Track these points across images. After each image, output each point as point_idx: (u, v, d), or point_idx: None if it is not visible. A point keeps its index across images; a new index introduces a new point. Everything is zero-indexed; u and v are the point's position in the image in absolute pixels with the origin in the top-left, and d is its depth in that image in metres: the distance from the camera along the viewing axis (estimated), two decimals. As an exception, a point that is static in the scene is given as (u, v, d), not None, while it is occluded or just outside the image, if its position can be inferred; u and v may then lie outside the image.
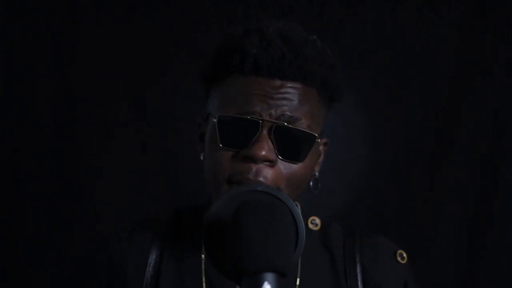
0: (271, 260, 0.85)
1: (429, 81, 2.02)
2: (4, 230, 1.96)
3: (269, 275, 0.84)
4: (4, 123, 2.02)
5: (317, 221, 1.36)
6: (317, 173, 1.32)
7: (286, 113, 1.21)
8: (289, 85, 1.23)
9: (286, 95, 1.22)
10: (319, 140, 1.24)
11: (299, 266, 1.29)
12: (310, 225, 1.35)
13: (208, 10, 2.05)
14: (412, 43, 2.03)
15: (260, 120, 1.19)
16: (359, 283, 1.28)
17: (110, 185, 1.98)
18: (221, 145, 1.20)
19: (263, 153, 1.17)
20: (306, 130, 1.21)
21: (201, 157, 1.30)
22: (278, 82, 1.22)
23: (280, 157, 1.20)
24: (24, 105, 2.02)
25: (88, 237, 1.88)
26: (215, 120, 1.21)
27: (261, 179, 1.18)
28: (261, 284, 0.84)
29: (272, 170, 1.19)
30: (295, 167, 1.21)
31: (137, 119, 2.02)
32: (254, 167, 1.18)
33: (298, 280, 1.28)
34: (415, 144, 2.00)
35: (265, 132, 1.19)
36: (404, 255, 1.33)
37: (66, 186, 1.97)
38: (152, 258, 1.29)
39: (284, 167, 1.20)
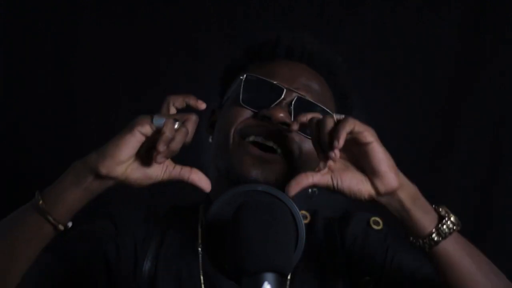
0: (271, 260, 0.85)
1: (429, 81, 2.02)
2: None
3: (269, 275, 0.84)
4: (4, 123, 2.02)
5: (306, 214, 1.36)
6: None
7: (309, 92, 1.26)
8: (315, 74, 1.30)
9: (311, 80, 1.29)
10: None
11: None
12: None
13: (208, 10, 2.05)
14: (412, 43, 2.03)
15: (285, 88, 1.23)
16: (344, 266, 1.27)
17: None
18: (241, 103, 1.24)
19: (282, 114, 1.20)
20: (325, 108, 1.24)
21: (210, 139, 1.33)
22: (305, 66, 1.30)
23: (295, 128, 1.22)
24: (24, 105, 2.02)
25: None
26: (242, 78, 1.25)
27: (273, 141, 1.21)
28: (261, 284, 0.84)
29: (287, 136, 1.22)
30: (307, 142, 1.22)
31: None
32: (270, 128, 1.21)
33: (289, 274, 1.28)
34: (415, 144, 2.00)
35: (286, 100, 1.23)
36: (379, 220, 1.32)
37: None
38: (151, 251, 1.29)
39: (298, 138, 1.23)
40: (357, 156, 1.07)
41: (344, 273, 1.26)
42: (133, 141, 1.03)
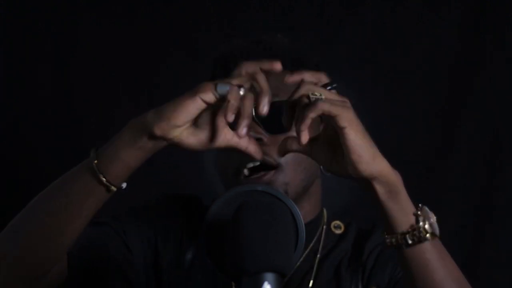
0: (271, 260, 0.85)
1: (429, 81, 2.02)
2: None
3: (269, 275, 0.84)
4: (4, 123, 2.02)
5: (341, 224, 1.35)
6: None
7: None
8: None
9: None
10: None
11: (315, 268, 1.28)
12: (334, 229, 1.35)
13: (208, 10, 2.05)
14: (412, 43, 2.03)
15: None
16: (359, 274, 1.27)
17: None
18: None
19: (251, 133, 1.11)
20: (282, 99, 1.11)
21: None
22: None
23: (269, 133, 1.19)
24: (24, 105, 2.02)
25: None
26: None
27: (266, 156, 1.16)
28: (261, 284, 0.84)
29: (268, 148, 1.19)
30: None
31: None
32: None
33: (311, 282, 1.27)
34: (415, 144, 2.00)
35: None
36: None
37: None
38: (194, 242, 1.30)
39: (277, 142, 1.13)
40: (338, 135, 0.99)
41: (357, 281, 1.27)
42: (193, 107, 0.98)
